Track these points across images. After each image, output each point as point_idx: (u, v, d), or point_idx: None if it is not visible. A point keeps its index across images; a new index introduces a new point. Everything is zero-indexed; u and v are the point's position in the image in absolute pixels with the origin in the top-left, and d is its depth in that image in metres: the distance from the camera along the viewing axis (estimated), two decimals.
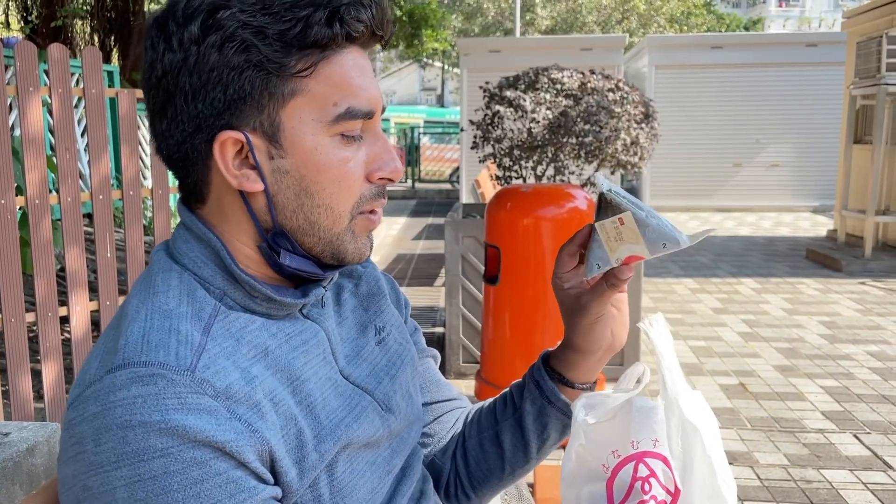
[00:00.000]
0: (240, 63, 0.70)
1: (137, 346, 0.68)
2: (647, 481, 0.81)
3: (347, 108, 0.73)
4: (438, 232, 9.78)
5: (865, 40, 7.28)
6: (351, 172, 0.76)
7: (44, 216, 3.00)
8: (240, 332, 0.74)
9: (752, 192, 12.00)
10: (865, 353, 4.43)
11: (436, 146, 18.99)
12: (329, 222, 0.76)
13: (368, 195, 0.78)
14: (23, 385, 3.00)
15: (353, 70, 0.74)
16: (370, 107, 0.75)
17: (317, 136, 0.73)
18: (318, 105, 0.73)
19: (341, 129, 0.74)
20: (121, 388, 0.65)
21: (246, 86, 0.71)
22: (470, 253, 3.95)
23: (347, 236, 0.78)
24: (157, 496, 0.63)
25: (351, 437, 0.78)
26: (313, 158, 0.74)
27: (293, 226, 0.76)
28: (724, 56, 11.75)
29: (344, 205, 0.76)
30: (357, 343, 0.88)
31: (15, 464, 1.85)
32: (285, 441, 0.72)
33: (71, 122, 3.06)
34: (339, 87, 0.73)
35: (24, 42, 2.90)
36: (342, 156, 0.75)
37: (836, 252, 7.34)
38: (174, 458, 0.63)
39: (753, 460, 3.04)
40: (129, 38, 8.46)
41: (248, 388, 0.70)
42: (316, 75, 0.72)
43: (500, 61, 10.32)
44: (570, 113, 4.07)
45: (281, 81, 0.71)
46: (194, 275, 0.76)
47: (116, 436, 0.64)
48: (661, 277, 6.71)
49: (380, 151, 0.78)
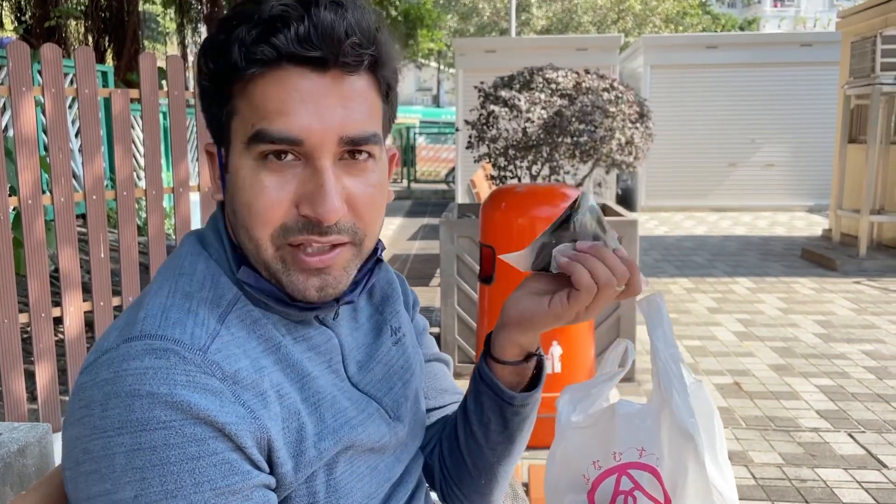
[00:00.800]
0: (206, 88, 0.76)
1: (156, 320, 0.70)
2: (632, 494, 0.78)
3: (257, 129, 0.71)
4: (434, 232, 9.78)
5: (860, 40, 7.30)
6: (263, 199, 0.72)
7: (37, 216, 2.99)
8: (254, 325, 0.76)
9: (747, 192, 12.02)
10: (860, 353, 4.44)
11: (431, 146, 18.98)
12: (251, 246, 0.75)
13: (293, 226, 0.73)
14: (16, 386, 2.99)
15: (278, 93, 0.70)
16: (290, 133, 0.70)
17: (241, 158, 0.74)
18: (243, 125, 0.73)
19: (256, 152, 0.72)
20: (134, 357, 0.67)
21: (213, 108, 0.76)
22: (465, 253, 3.94)
23: (278, 266, 0.74)
24: (154, 467, 0.64)
25: (354, 440, 0.79)
26: (235, 178, 0.75)
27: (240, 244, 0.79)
28: (720, 56, 11.77)
29: (259, 230, 0.73)
30: (371, 348, 0.88)
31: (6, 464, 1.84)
32: (285, 433, 0.73)
33: (64, 123, 3.04)
34: (257, 109, 0.71)
35: (17, 42, 2.89)
36: (256, 180, 0.72)
37: (831, 251, 7.36)
38: (175, 432, 0.65)
39: (748, 459, 3.04)
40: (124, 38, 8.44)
41: (256, 377, 0.72)
42: (241, 96, 0.73)
43: (495, 61, 10.32)
44: (565, 113, 4.07)
45: (223, 103, 0.75)
46: (218, 264, 0.78)
47: (123, 403, 0.65)
48: (656, 277, 6.71)
49: (312, 187, 0.72)
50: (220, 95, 0.74)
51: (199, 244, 0.80)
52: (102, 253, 3.20)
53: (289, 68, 0.70)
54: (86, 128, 3.12)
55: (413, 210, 12.91)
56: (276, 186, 0.72)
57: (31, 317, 3.01)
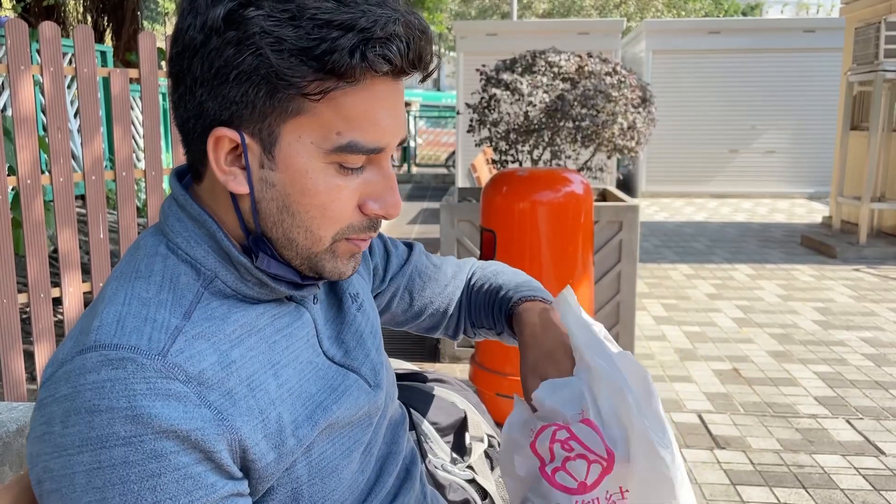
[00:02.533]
0: (249, 68, 0.67)
1: (111, 329, 0.67)
2: (567, 443, 0.80)
3: (349, 141, 0.70)
4: (434, 216, 9.77)
5: (864, 26, 7.25)
6: (339, 202, 0.73)
7: (36, 196, 2.97)
8: (224, 317, 0.73)
9: (747, 179, 11.99)
10: (859, 340, 4.44)
11: (432, 130, 18.91)
12: (308, 243, 0.74)
13: (358, 226, 0.75)
14: (15, 366, 2.99)
15: (371, 104, 0.70)
16: (378, 144, 0.72)
17: (311, 160, 0.71)
18: (321, 130, 0.70)
19: (339, 160, 0.71)
20: (91, 370, 0.65)
21: (251, 92, 0.68)
22: (465, 237, 3.94)
23: (326, 256, 0.76)
24: (114, 485, 0.63)
25: (330, 419, 0.78)
26: (301, 180, 0.71)
27: (273, 237, 0.75)
28: (722, 41, 11.70)
29: (325, 230, 0.74)
30: (338, 321, 0.88)
31: (4, 444, 1.84)
32: (264, 426, 0.71)
33: (63, 102, 3.02)
34: (348, 119, 0.69)
35: (16, 20, 2.86)
36: (333, 184, 0.72)
37: (831, 239, 7.35)
38: (135, 448, 0.63)
39: (746, 445, 3.05)
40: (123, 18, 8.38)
41: (223, 374, 0.70)
42: (328, 101, 0.69)
43: (496, 45, 10.26)
44: (567, 97, 4.04)
45: (287, 97, 0.68)
46: (186, 254, 0.74)
47: (83, 420, 0.63)
48: (656, 263, 6.71)
49: (381, 188, 0.74)
50: (283, 89, 0.68)
51: (156, 243, 0.76)
52: (102, 233, 3.19)
53: (379, 79, 0.70)
54: (85, 108, 3.10)
55: (413, 194, 12.88)
56: (349, 188, 0.73)
57: (31, 297, 3.00)
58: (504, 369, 3.06)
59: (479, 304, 1.14)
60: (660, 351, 4.24)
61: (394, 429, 0.93)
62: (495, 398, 3.09)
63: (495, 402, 3.09)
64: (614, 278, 3.82)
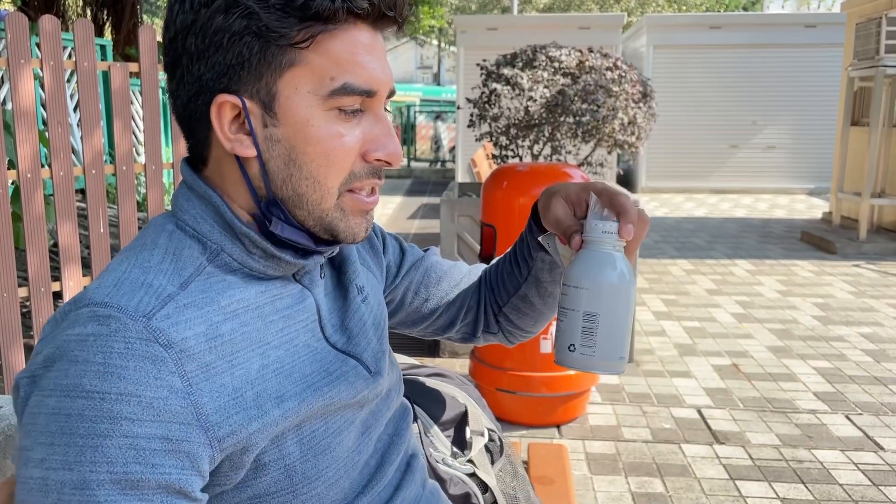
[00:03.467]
0: (240, 29, 0.71)
1: (106, 290, 0.70)
2: None
3: (343, 83, 0.73)
4: (434, 211, 9.76)
5: (865, 22, 7.24)
6: (342, 148, 0.75)
7: (36, 190, 2.97)
8: (222, 291, 0.75)
9: (748, 174, 11.99)
10: (858, 335, 4.45)
11: (432, 125, 18.87)
12: (316, 196, 0.76)
13: (360, 173, 0.77)
14: (15, 360, 2.99)
15: (356, 47, 0.74)
16: (370, 86, 0.75)
17: (311, 108, 0.74)
18: (315, 77, 0.73)
19: (336, 104, 0.74)
20: (79, 324, 0.68)
21: (244, 52, 0.72)
22: (466, 232, 3.93)
23: (337, 213, 0.78)
24: (63, 434, 0.64)
25: (323, 401, 0.79)
26: (304, 130, 0.74)
27: (283, 196, 0.77)
28: (723, 36, 11.68)
29: (332, 180, 0.76)
30: (343, 310, 0.89)
31: (6, 437, 1.84)
32: (236, 402, 0.71)
33: (63, 96, 3.02)
34: (338, 62, 0.73)
35: (15, 13, 2.85)
36: (334, 130, 0.75)
37: (831, 234, 7.35)
38: (93, 405, 0.64)
39: (745, 440, 3.05)
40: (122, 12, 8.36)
41: (206, 346, 0.71)
42: (316, 47, 0.72)
43: (497, 39, 10.24)
44: (568, 92, 4.04)
45: (279, 51, 0.72)
46: (193, 230, 0.77)
47: (62, 367, 0.66)
48: (655, 258, 6.71)
49: (379, 133, 0.77)
50: (276, 40, 0.71)
51: (163, 220, 0.79)
52: (102, 228, 3.19)
53: (359, 23, 0.74)
54: (85, 102, 3.09)
55: (413, 189, 12.87)
56: (350, 135, 0.75)
57: (31, 291, 3.01)
58: (504, 364, 3.07)
59: (500, 272, 1.11)
60: (659, 346, 4.24)
61: (397, 421, 0.93)
62: (495, 393, 3.10)
63: (495, 397, 3.09)
64: None
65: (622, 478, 2.75)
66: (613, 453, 2.94)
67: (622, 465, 2.84)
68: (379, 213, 9.68)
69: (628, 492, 2.65)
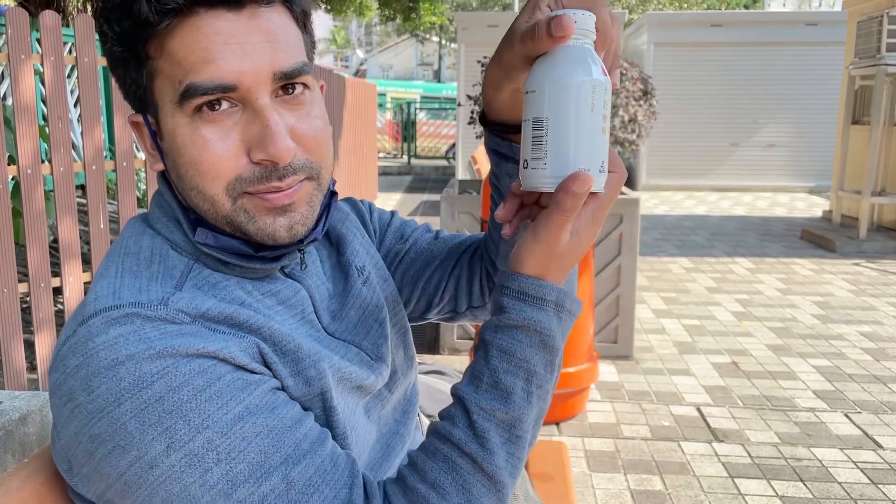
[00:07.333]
0: (111, 52, 0.71)
1: (108, 297, 0.68)
2: None
3: (187, 85, 0.67)
4: (434, 208, 9.76)
5: (866, 20, 7.23)
6: (208, 155, 0.69)
7: (36, 186, 2.97)
8: (214, 289, 0.74)
9: (748, 172, 11.99)
10: (858, 334, 4.45)
11: (432, 122, 18.88)
12: (207, 206, 0.72)
13: (250, 177, 0.70)
14: (16, 356, 3.00)
15: (199, 41, 0.67)
16: (223, 80, 0.67)
17: (174, 118, 0.70)
18: (169, 85, 0.69)
19: (191, 108, 0.68)
20: (98, 333, 0.65)
21: (122, 73, 0.72)
22: (466, 229, 3.94)
23: (242, 217, 0.72)
24: (171, 413, 0.62)
25: (343, 371, 0.78)
26: (174, 141, 0.71)
27: (192, 207, 0.75)
28: (724, 34, 11.67)
29: (212, 188, 0.70)
30: (342, 295, 0.87)
31: (7, 432, 1.85)
32: (280, 352, 0.72)
33: (63, 91, 3.02)
34: (181, 64, 0.67)
35: (16, 8, 2.85)
36: (198, 136, 0.69)
37: (831, 232, 7.35)
38: (173, 375, 0.63)
39: (745, 438, 3.05)
40: None
41: (229, 311, 0.71)
42: (160, 54, 0.68)
43: (497, 36, 10.08)
44: None
45: (138, 66, 0.70)
46: (167, 239, 0.76)
47: (107, 377, 0.63)
48: (655, 256, 6.71)
49: (257, 130, 0.69)
50: (135, 59, 0.70)
51: (142, 224, 0.78)
52: (102, 224, 3.19)
53: (202, 13, 0.67)
54: (85, 97, 3.09)
55: (413, 186, 12.87)
56: (220, 138, 0.69)
57: (31, 286, 3.01)
58: None
59: (489, 231, 0.96)
60: (659, 344, 4.24)
61: (402, 410, 0.92)
62: None
63: None
64: (614, 271, 3.82)
65: (621, 475, 2.76)
66: (613, 451, 2.95)
67: (621, 463, 2.85)
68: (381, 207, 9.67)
69: (627, 489, 2.65)
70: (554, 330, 0.69)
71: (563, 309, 0.70)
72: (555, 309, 0.69)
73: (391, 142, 18.65)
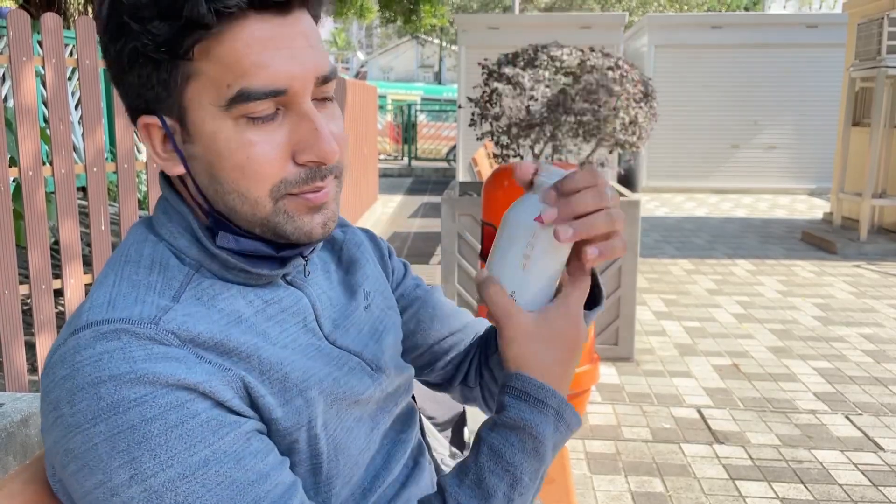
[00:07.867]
0: (132, 50, 0.67)
1: (101, 309, 0.68)
2: None
3: (240, 90, 0.67)
4: (435, 210, 9.76)
5: (866, 22, 7.24)
6: (257, 158, 0.69)
7: (37, 188, 2.98)
8: (212, 300, 0.73)
9: (749, 174, 11.99)
10: (858, 336, 4.45)
11: (433, 124, 18.88)
12: (247, 209, 0.72)
13: (295, 179, 0.71)
14: (17, 357, 3.00)
15: (251, 45, 0.66)
16: (275, 85, 0.67)
17: (216, 121, 0.69)
18: (213, 88, 0.68)
19: (242, 112, 0.68)
20: (85, 347, 0.65)
21: (143, 72, 0.69)
22: (466, 231, 3.94)
23: (280, 218, 0.72)
24: (139, 444, 0.63)
25: (337, 391, 0.78)
26: (214, 144, 0.69)
27: (221, 210, 0.74)
28: (724, 36, 11.67)
29: (256, 191, 0.70)
30: (345, 307, 0.87)
31: (9, 434, 1.85)
32: (264, 382, 0.71)
33: (64, 93, 3.02)
34: (231, 68, 0.66)
35: (17, 10, 2.85)
36: (245, 140, 0.69)
37: (832, 235, 7.35)
38: (150, 405, 0.63)
39: (745, 440, 3.05)
40: None
41: (220, 337, 0.70)
42: (205, 56, 0.67)
43: (498, 38, 10.24)
44: (569, 91, 4.04)
45: (173, 66, 0.68)
46: (170, 245, 0.75)
47: (89, 394, 0.63)
48: (656, 258, 6.71)
49: (305, 133, 0.70)
50: (168, 60, 0.67)
51: (145, 230, 0.77)
52: (103, 225, 3.19)
53: (252, 17, 0.66)
54: (86, 99, 3.10)
55: (413, 188, 12.87)
56: (267, 141, 0.69)
57: (32, 288, 3.01)
58: None
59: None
60: (659, 346, 4.24)
61: (403, 419, 0.92)
62: None
63: None
64: (615, 273, 3.82)
65: (622, 477, 2.76)
66: (613, 453, 2.95)
67: (622, 465, 2.85)
68: (379, 213, 9.68)
69: (628, 491, 2.65)
70: (548, 437, 0.73)
71: (561, 419, 0.74)
72: (555, 416, 0.74)
73: (392, 144, 18.65)
